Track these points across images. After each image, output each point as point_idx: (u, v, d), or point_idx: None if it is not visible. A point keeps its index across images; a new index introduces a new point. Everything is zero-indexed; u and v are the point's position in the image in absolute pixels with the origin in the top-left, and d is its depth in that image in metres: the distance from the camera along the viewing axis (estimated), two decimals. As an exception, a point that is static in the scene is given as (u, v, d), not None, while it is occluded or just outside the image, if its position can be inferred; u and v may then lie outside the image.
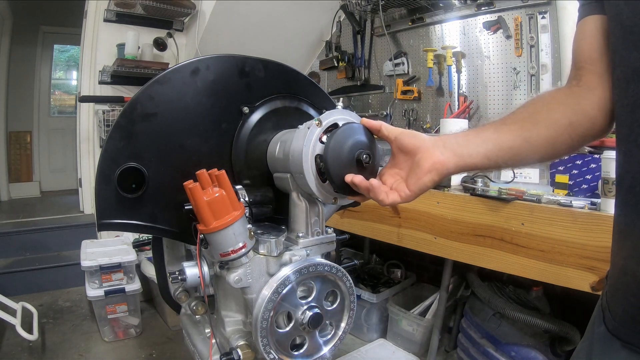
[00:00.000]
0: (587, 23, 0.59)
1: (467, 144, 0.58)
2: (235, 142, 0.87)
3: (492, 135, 0.58)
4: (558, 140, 0.59)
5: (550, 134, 0.58)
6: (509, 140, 0.58)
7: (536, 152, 0.59)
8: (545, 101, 0.61)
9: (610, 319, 0.52)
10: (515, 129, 0.58)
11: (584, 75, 0.59)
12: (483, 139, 0.58)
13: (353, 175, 0.63)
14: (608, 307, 0.53)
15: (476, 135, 0.59)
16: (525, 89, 2.01)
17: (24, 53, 4.44)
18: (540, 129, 0.58)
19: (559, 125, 0.58)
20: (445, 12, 2.30)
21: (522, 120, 0.59)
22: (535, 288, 1.67)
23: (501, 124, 0.59)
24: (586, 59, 0.59)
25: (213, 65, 0.84)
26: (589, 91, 0.58)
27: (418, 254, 1.74)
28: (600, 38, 0.57)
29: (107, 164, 0.77)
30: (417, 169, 0.58)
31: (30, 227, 2.87)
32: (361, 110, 2.85)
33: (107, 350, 2.03)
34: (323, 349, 0.81)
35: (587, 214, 1.25)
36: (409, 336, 2.02)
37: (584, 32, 0.59)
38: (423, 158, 0.57)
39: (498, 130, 0.59)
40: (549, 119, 0.58)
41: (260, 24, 2.82)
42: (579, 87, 0.59)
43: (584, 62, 0.59)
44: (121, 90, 2.85)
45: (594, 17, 0.57)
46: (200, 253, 0.75)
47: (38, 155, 4.71)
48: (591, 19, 0.58)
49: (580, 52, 0.60)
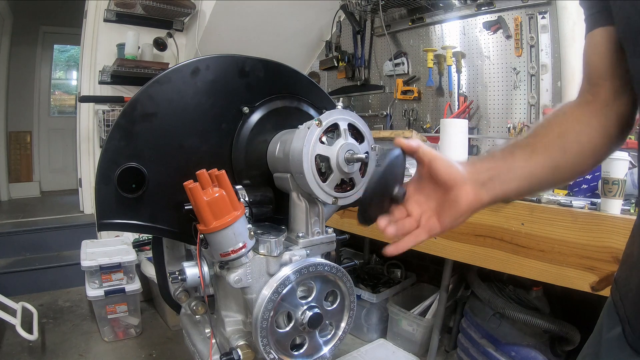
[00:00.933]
0: (597, 36, 0.56)
1: (500, 181, 0.55)
2: (235, 142, 0.87)
3: (524, 169, 0.56)
4: (582, 166, 0.59)
5: (577, 162, 0.57)
6: (539, 173, 0.56)
7: (561, 180, 0.59)
8: (569, 122, 0.58)
9: (630, 332, 0.51)
10: (546, 159, 0.56)
11: (600, 92, 0.57)
12: (515, 174, 0.56)
13: (387, 224, 0.56)
14: (628, 320, 0.52)
15: (508, 168, 0.56)
16: (525, 89, 2.01)
17: (24, 53, 4.44)
18: (568, 158, 0.57)
19: (584, 151, 0.57)
20: (445, 12, 2.30)
21: (551, 148, 0.57)
22: (535, 288, 1.67)
23: (531, 152, 0.56)
24: (600, 74, 0.57)
25: (213, 65, 0.84)
26: (608, 108, 0.57)
27: (418, 254, 1.74)
28: (612, 51, 0.55)
29: (107, 164, 0.77)
30: (454, 206, 0.54)
31: (30, 227, 2.87)
32: (361, 110, 2.85)
33: (107, 350, 2.03)
34: (323, 349, 0.81)
35: (587, 214, 1.25)
36: (409, 336, 2.02)
37: (595, 46, 0.57)
38: (460, 196, 0.53)
39: (529, 161, 0.56)
40: (576, 145, 0.57)
41: (260, 24, 2.82)
42: (596, 102, 0.57)
43: (598, 78, 0.57)
44: (121, 90, 2.85)
45: (603, 30, 0.55)
46: (200, 253, 0.75)
47: (38, 155, 4.71)
48: (601, 31, 0.56)
49: (594, 67, 0.58)
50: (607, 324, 0.56)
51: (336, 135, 0.76)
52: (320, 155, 0.74)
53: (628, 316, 0.52)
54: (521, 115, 2.03)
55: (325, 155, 0.75)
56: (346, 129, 0.76)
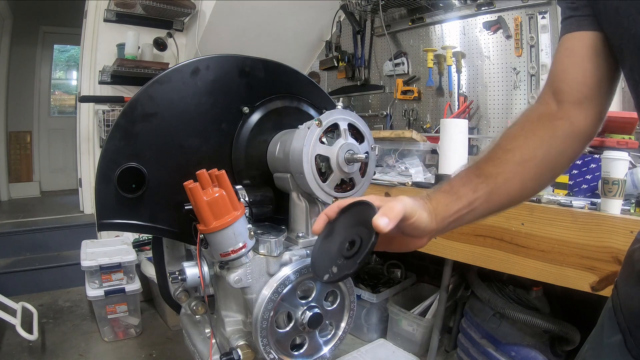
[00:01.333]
0: (575, 40, 0.53)
1: (458, 223, 0.55)
2: (235, 142, 0.87)
3: (482, 211, 0.55)
4: (539, 189, 0.59)
5: (536, 188, 0.58)
6: (497, 207, 0.56)
7: (518, 204, 0.59)
8: (529, 145, 0.56)
9: (633, 345, 0.50)
10: (506, 195, 0.55)
11: (565, 102, 0.55)
12: (474, 216, 0.55)
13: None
14: (629, 331, 0.51)
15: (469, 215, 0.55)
16: (525, 89, 2.01)
17: (24, 53, 4.44)
18: (527, 188, 0.57)
19: (544, 179, 0.58)
20: (445, 12, 2.30)
21: (514, 180, 0.55)
22: (535, 288, 1.67)
23: (491, 191, 0.54)
24: (570, 81, 0.54)
25: (213, 65, 0.84)
26: (572, 126, 0.55)
27: (418, 254, 1.74)
28: (591, 58, 0.52)
29: (107, 164, 0.77)
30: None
31: (30, 227, 2.87)
32: (361, 110, 2.85)
33: (107, 350, 2.03)
34: (323, 349, 0.81)
35: (587, 214, 1.25)
36: (409, 336, 2.02)
37: (571, 50, 0.53)
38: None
39: (489, 202, 0.55)
40: (536, 175, 0.56)
41: (260, 24, 2.82)
42: (560, 119, 0.55)
43: (566, 85, 0.54)
44: (121, 90, 2.85)
45: (583, 34, 0.52)
46: (200, 253, 0.75)
47: (38, 155, 4.71)
48: (580, 35, 0.52)
49: (564, 72, 0.54)
50: (609, 328, 0.55)
51: (336, 135, 0.76)
52: (320, 155, 0.74)
53: (628, 325, 0.52)
54: (521, 115, 2.03)
55: (325, 155, 0.75)
56: (346, 129, 0.76)
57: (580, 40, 0.53)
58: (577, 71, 0.53)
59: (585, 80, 0.53)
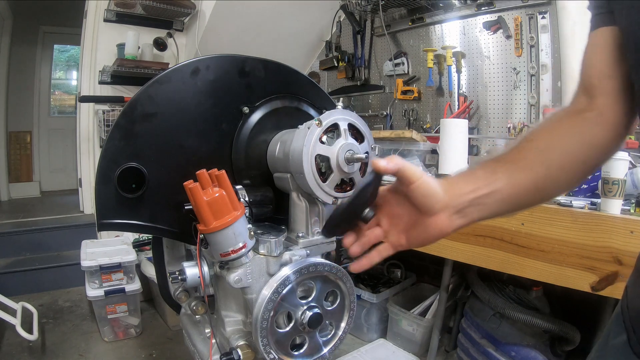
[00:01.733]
0: (599, 36, 0.55)
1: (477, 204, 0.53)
2: (235, 142, 0.87)
3: (503, 191, 0.53)
4: (568, 182, 0.57)
5: (563, 177, 0.55)
6: (522, 193, 0.54)
7: (544, 198, 0.57)
8: (555, 134, 0.56)
9: (635, 340, 0.51)
10: (529, 178, 0.54)
11: (596, 96, 0.55)
12: (495, 197, 0.53)
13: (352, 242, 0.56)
14: (633, 328, 0.52)
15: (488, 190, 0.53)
16: (525, 89, 2.01)
17: (24, 53, 4.44)
18: (553, 175, 0.54)
19: (571, 167, 0.55)
20: (445, 12, 2.30)
21: (535, 164, 0.54)
22: (535, 288, 1.67)
23: (514, 170, 0.54)
24: (599, 74, 0.55)
25: (213, 65, 0.84)
26: (602, 117, 0.54)
27: (418, 254, 1.74)
28: (614, 52, 0.53)
29: (107, 164, 0.78)
30: (425, 231, 0.53)
31: (30, 227, 2.87)
32: (361, 110, 2.85)
33: (107, 350, 2.03)
34: (323, 349, 0.81)
35: (587, 214, 1.25)
36: (409, 336, 2.02)
37: (596, 45, 0.55)
38: (433, 224, 0.53)
39: (511, 182, 0.53)
40: (562, 161, 0.54)
41: (260, 24, 2.82)
42: (590, 111, 0.55)
43: (595, 79, 0.55)
44: (121, 90, 2.85)
45: (606, 29, 0.54)
46: (200, 253, 0.75)
47: (38, 155, 4.71)
48: (604, 30, 0.54)
49: (593, 67, 0.56)
50: (615, 330, 0.56)
51: (336, 135, 0.76)
52: (320, 155, 0.74)
53: (633, 324, 0.52)
54: (521, 115, 2.03)
55: (325, 155, 0.75)
56: (346, 129, 0.76)
57: (604, 35, 0.54)
58: (603, 65, 0.54)
59: (611, 72, 0.53)
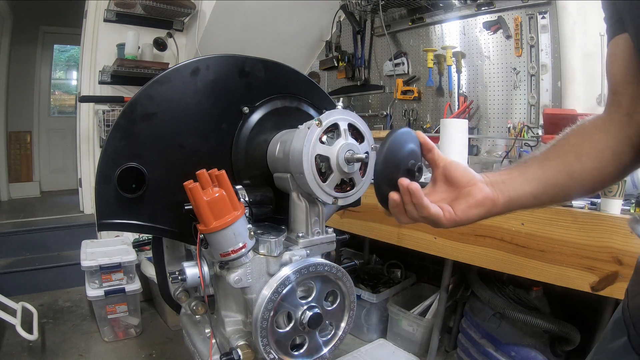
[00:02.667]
0: (617, 44, 0.56)
1: (512, 183, 0.56)
2: (235, 142, 0.87)
3: (536, 173, 0.57)
4: (603, 172, 0.57)
5: (595, 167, 0.57)
6: (554, 177, 0.56)
7: (582, 186, 0.58)
8: (586, 131, 0.59)
9: (635, 335, 0.51)
10: (559, 164, 0.57)
11: (622, 100, 0.57)
12: (527, 177, 0.57)
13: (409, 182, 0.54)
14: (633, 324, 0.52)
15: (520, 173, 0.57)
16: (525, 89, 2.01)
17: (24, 53, 4.43)
18: (584, 162, 0.56)
19: (603, 157, 0.56)
20: (445, 12, 2.30)
21: (565, 154, 0.57)
22: (535, 288, 1.67)
23: (544, 159, 0.58)
24: (620, 82, 0.57)
25: (213, 65, 0.84)
26: (630, 117, 0.56)
27: (418, 254, 1.74)
28: (631, 57, 0.54)
29: (107, 164, 0.77)
30: (468, 197, 0.55)
31: (30, 227, 2.87)
32: (361, 110, 2.85)
33: (107, 350, 2.03)
34: (323, 349, 0.81)
35: (587, 214, 1.25)
36: (409, 336, 2.02)
37: (615, 54, 0.57)
38: (475, 190, 0.55)
39: (542, 167, 0.57)
40: (593, 151, 0.57)
41: (260, 24, 2.82)
42: (618, 113, 0.57)
43: (618, 86, 0.57)
44: (121, 90, 2.85)
45: (621, 37, 0.55)
46: (200, 253, 0.75)
47: (38, 155, 4.71)
48: (620, 38, 0.56)
49: (614, 75, 0.58)
50: (613, 334, 0.56)
51: (336, 135, 0.76)
52: (320, 155, 0.74)
53: (633, 321, 0.52)
54: (521, 115, 2.03)
55: (325, 155, 0.75)
56: (346, 129, 0.76)
57: (620, 44, 0.56)
58: (622, 73, 0.56)
59: (631, 78, 0.55)
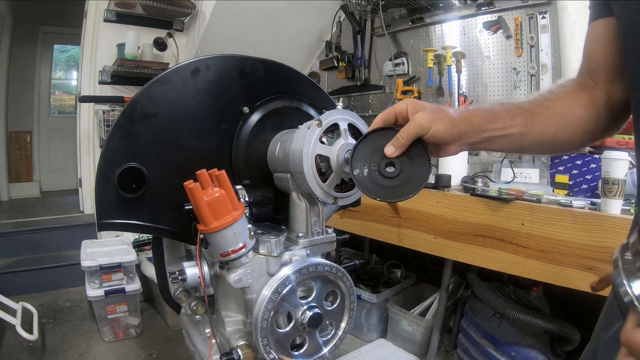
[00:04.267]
0: (599, 26, 0.58)
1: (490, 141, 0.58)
2: (236, 142, 0.87)
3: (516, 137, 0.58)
4: (572, 146, 0.61)
5: (565, 140, 0.60)
6: (529, 144, 0.59)
7: (547, 153, 0.62)
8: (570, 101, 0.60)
9: None
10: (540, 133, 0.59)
11: (598, 79, 0.60)
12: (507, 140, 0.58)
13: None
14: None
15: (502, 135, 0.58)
16: (525, 89, 2.01)
17: (24, 53, 4.43)
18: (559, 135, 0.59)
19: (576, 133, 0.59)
20: (445, 12, 2.30)
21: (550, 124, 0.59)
22: (535, 288, 1.67)
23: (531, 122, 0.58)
24: (600, 63, 0.59)
25: (213, 65, 0.84)
26: (608, 99, 0.59)
27: (418, 254, 1.74)
28: (612, 41, 0.56)
29: (107, 164, 0.77)
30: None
31: (30, 227, 2.87)
32: (361, 110, 2.85)
33: (107, 350, 2.03)
34: (323, 349, 0.81)
35: (587, 214, 1.25)
36: (409, 336, 2.02)
37: (597, 35, 0.59)
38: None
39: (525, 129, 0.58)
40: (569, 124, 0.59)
41: (260, 24, 2.82)
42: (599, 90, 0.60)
43: (597, 67, 0.59)
44: (121, 90, 2.85)
45: (605, 20, 0.57)
46: (200, 253, 0.75)
47: (38, 155, 4.71)
48: (603, 22, 0.57)
49: (595, 55, 0.60)
50: (604, 323, 0.56)
51: (336, 135, 0.76)
52: (320, 155, 0.74)
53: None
54: (521, 115, 2.03)
55: (325, 155, 0.74)
56: (346, 129, 0.76)
57: (605, 25, 0.57)
58: (605, 54, 0.58)
59: (614, 62, 0.57)
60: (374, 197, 0.59)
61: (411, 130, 0.55)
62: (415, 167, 0.58)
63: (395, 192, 0.59)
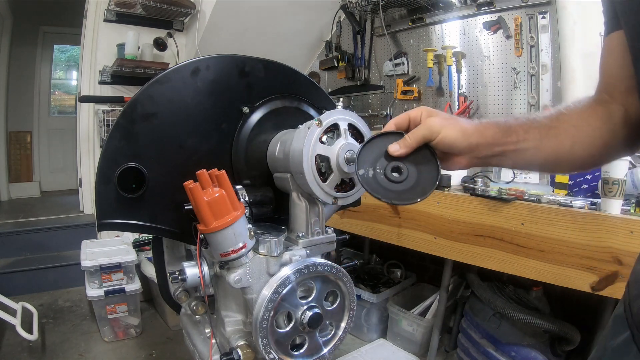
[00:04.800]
0: (613, 39, 0.57)
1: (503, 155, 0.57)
2: (236, 142, 0.87)
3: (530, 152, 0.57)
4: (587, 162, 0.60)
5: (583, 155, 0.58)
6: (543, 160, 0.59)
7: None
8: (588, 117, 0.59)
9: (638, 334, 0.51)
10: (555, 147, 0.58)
11: (615, 92, 0.59)
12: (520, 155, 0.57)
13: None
14: (636, 324, 0.52)
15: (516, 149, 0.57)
16: (525, 89, 2.01)
17: (24, 53, 4.43)
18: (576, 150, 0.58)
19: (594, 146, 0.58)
20: (445, 12, 2.30)
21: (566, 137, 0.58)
22: (535, 288, 1.67)
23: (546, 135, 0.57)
24: (616, 75, 0.58)
25: (213, 65, 0.84)
26: (626, 113, 0.58)
27: (418, 254, 1.74)
28: (626, 53, 0.55)
29: (107, 164, 0.77)
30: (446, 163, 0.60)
31: (30, 227, 2.87)
32: (361, 110, 2.85)
33: (107, 350, 2.03)
34: (323, 349, 0.81)
35: (587, 214, 1.25)
36: (409, 336, 2.02)
37: (611, 49, 0.58)
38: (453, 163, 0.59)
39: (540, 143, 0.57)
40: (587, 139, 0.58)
41: (260, 24, 2.82)
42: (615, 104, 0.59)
43: (614, 81, 0.59)
44: (121, 90, 2.85)
45: (618, 33, 0.56)
46: (200, 253, 0.75)
47: (38, 155, 4.71)
48: (615, 35, 0.57)
49: (610, 68, 0.59)
50: (614, 330, 0.56)
51: (336, 135, 0.76)
52: (320, 155, 0.74)
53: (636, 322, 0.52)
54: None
55: (325, 155, 0.74)
56: (346, 129, 0.76)
57: (617, 38, 0.56)
58: (619, 66, 0.57)
59: (629, 73, 0.56)
60: (379, 197, 0.58)
61: (419, 133, 0.55)
62: (422, 173, 0.58)
63: (401, 195, 0.58)
